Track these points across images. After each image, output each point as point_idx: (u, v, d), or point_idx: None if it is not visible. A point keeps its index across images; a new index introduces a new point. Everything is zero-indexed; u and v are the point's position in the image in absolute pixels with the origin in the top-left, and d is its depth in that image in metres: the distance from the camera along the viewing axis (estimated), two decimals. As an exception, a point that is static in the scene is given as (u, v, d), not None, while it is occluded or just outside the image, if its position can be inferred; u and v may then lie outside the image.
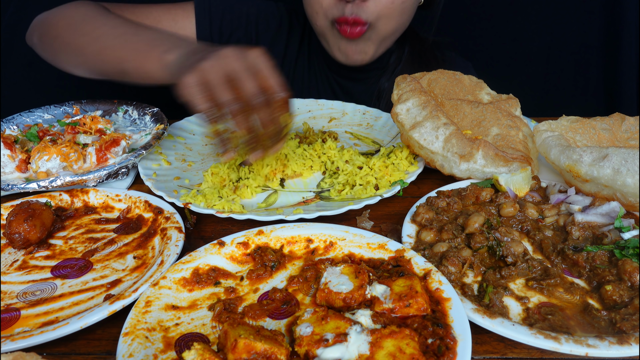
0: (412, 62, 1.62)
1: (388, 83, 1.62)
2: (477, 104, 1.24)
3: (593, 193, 0.99)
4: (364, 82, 1.64)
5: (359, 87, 1.65)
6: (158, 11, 1.54)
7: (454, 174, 1.11)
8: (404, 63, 1.62)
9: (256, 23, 1.61)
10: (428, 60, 1.64)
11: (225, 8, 1.58)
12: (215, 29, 1.57)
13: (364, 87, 1.65)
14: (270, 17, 1.63)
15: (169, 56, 1.11)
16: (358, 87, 1.65)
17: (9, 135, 1.21)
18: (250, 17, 1.61)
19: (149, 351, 0.69)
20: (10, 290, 0.85)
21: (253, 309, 0.76)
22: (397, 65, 1.63)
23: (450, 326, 0.68)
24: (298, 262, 0.88)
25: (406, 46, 1.64)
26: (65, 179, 1.09)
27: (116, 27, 1.27)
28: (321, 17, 1.42)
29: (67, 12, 1.37)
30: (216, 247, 0.88)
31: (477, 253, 0.87)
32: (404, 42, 1.63)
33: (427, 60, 1.63)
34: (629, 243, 0.84)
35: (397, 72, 1.60)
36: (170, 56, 1.11)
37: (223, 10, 1.58)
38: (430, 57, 1.65)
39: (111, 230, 1.01)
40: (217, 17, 1.57)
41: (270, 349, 0.63)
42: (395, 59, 1.63)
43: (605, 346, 0.67)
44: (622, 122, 1.16)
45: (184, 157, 1.28)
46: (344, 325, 0.68)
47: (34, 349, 0.72)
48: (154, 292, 0.79)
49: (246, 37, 1.61)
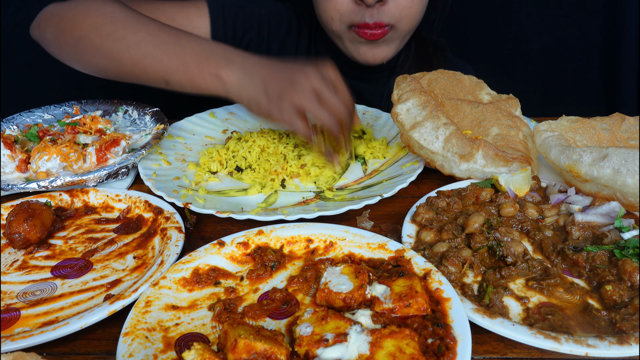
0: (418, 61, 1.63)
1: None
2: (477, 104, 1.24)
3: (593, 193, 0.99)
4: (373, 83, 1.64)
5: (369, 88, 1.64)
6: (173, 9, 1.51)
7: (454, 174, 1.11)
8: (410, 62, 1.63)
9: (268, 24, 1.61)
10: (430, 59, 1.64)
11: (238, 8, 1.58)
12: (229, 29, 1.57)
13: (374, 88, 1.65)
14: (280, 18, 1.62)
15: (224, 73, 1.12)
16: (367, 87, 1.64)
17: (9, 135, 1.21)
18: (262, 18, 1.60)
19: (149, 351, 0.69)
20: (10, 290, 0.85)
21: (253, 309, 0.76)
22: (405, 64, 1.63)
23: (450, 326, 0.68)
24: (298, 262, 0.88)
25: (412, 45, 1.64)
26: (65, 179, 1.09)
27: (155, 34, 1.20)
28: (337, 22, 1.41)
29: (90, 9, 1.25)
30: (216, 247, 0.88)
31: (477, 253, 0.87)
32: (410, 41, 1.63)
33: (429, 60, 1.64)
34: (629, 243, 0.84)
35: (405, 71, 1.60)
36: (226, 73, 1.12)
37: (236, 10, 1.57)
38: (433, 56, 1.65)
39: (111, 230, 1.01)
40: (231, 17, 1.56)
41: (270, 349, 0.63)
42: (403, 58, 1.64)
43: (605, 346, 0.67)
44: (622, 122, 1.16)
45: (184, 157, 1.28)
46: (344, 325, 0.68)
47: (34, 349, 0.72)
48: (154, 292, 0.79)
49: (259, 37, 1.60)
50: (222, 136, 1.40)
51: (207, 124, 1.43)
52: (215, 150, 1.25)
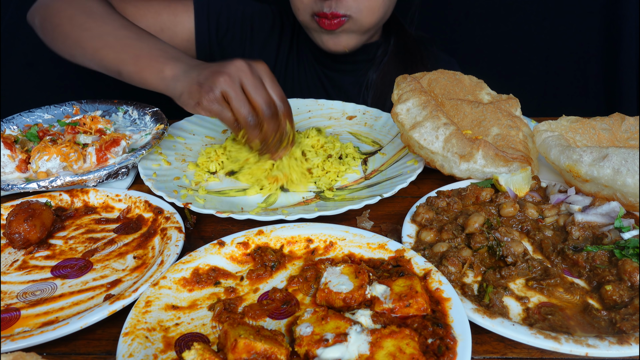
0: (397, 54, 1.67)
1: (376, 75, 1.67)
2: (477, 104, 1.24)
3: (593, 193, 0.99)
4: (352, 74, 1.69)
5: (348, 79, 1.69)
6: (159, 5, 1.60)
7: (454, 174, 1.11)
8: (390, 55, 1.67)
9: (251, 22, 1.69)
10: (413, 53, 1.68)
11: (223, 6, 1.66)
12: (213, 26, 1.64)
13: (353, 79, 1.69)
14: (263, 17, 1.70)
15: (168, 69, 1.16)
16: (346, 79, 1.69)
17: (9, 135, 1.21)
18: (245, 16, 1.68)
19: (149, 351, 0.69)
20: (10, 290, 0.85)
21: (253, 309, 0.76)
22: (384, 57, 1.67)
23: (450, 326, 0.68)
24: (298, 262, 0.88)
25: (392, 38, 1.68)
26: (65, 179, 1.09)
27: (119, 29, 1.30)
28: (302, 12, 1.50)
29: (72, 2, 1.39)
30: (216, 247, 0.88)
31: (477, 253, 0.87)
32: (389, 34, 1.68)
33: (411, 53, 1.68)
34: (629, 243, 0.84)
35: (384, 64, 1.66)
36: (169, 70, 1.16)
37: (220, 7, 1.65)
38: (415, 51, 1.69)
39: (111, 230, 1.01)
40: (215, 14, 1.64)
41: (270, 349, 0.63)
42: (382, 51, 1.68)
43: (605, 346, 0.67)
44: (622, 122, 1.16)
45: (184, 157, 1.28)
46: (344, 325, 0.68)
47: (34, 349, 0.72)
48: (154, 292, 0.79)
49: (242, 35, 1.68)
50: (222, 136, 1.40)
51: (207, 123, 1.43)
52: (213, 150, 1.25)
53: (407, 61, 1.51)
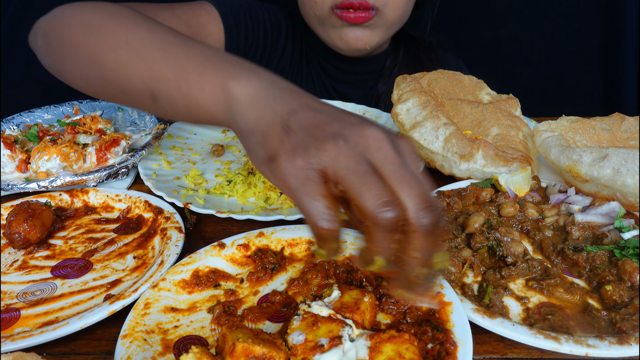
0: (407, 65, 1.62)
1: (385, 87, 1.60)
2: (477, 104, 1.24)
3: (593, 193, 0.99)
4: (361, 87, 1.63)
5: (356, 92, 1.63)
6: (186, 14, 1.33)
7: (454, 174, 1.11)
8: (399, 66, 1.61)
9: (271, 29, 1.56)
10: (423, 61, 1.63)
11: (246, 13, 1.49)
12: (242, 35, 1.47)
13: (362, 92, 1.63)
14: (279, 22, 1.58)
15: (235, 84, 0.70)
16: (356, 92, 1.63)
17: (9, 135, 1.21)
18: (266, 23, 1.54)
19: (147, 354, 0.68)
20: (10, 290, 0.85)
21: (252, 312, 0.75)
22: (393, 68, 1.62)
23: (451, 331, 0.68)
24: (299, 265, 0.87)
25: (401, 48, 1.64)
26: (65, 179, 1.09)
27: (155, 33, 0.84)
28: (320, 6, 1.36)
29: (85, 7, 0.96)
30: (216, 248, 0.88)
31: (477, 253, 0.87)
32: (398, 44, 1.63)
33: (422, 62, 1.63)
34: (629, 243, 0.84)
35: (393, 76, 1.59)
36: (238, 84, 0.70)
37: (245, 15, 1.48)
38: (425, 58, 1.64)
39: (111, 230, 1.01)
40: (242, 23, 1.47)
41: (268, 352, 0.62)
42: (391, 62, 1.63)
43: (605, 346, 0.67)
44: (622, 122, 1.16)
45: (184, 157, 1.28)
46: (336, 328, 0.66)
47: (34, 349, 0.72)
48: (153, 294, 0.79)
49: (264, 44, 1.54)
50: (223, 136, 1.39)
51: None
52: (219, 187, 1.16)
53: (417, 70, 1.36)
